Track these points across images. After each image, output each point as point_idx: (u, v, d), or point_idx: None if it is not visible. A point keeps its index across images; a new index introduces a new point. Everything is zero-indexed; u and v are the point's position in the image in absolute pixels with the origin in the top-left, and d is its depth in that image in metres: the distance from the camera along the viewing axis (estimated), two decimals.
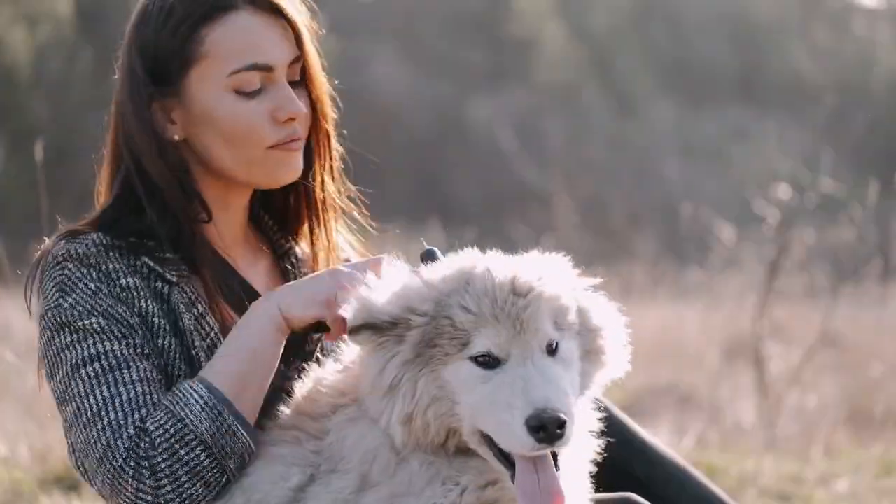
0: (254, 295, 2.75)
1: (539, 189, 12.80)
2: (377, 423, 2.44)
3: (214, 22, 2.65)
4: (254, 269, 2.85)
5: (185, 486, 2.47)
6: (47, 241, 2.69)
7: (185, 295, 2.64)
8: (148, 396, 2.51)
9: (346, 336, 2.48)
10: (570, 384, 2.38)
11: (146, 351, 2.56)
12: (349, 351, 2.59)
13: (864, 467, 6.33)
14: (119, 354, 2.53)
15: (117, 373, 2.51)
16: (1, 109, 19.86)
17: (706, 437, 7.31)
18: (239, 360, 2.54)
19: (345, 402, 2.52)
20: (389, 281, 2.48)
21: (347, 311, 2.44)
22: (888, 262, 9.77)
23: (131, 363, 2.53)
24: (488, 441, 2.37)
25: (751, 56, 29.57)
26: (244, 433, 2.50)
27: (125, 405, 2.49)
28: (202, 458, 2.47)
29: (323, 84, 2.79)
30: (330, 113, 2.82)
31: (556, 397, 2.30)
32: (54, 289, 2.58)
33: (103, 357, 2.53)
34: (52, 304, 2.57)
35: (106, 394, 2.50)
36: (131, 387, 2.51)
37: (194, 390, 2.49)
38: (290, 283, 2.64)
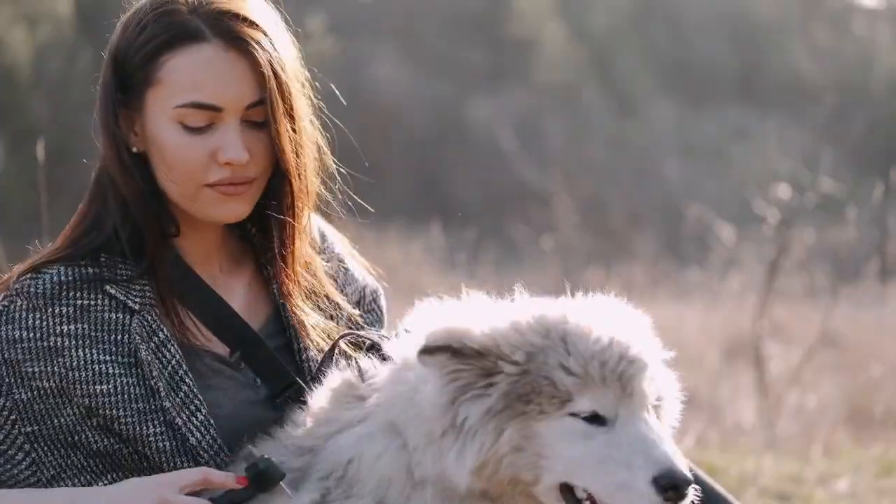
0: (226, 311, 2.72)
1: (539, 189, 12.79)
2: (400, 438, 2.41)
3: (175, 50, 2.60)
4: (234, 281, 2.81)
5: None
6: (16, 267, 2.68)
7: (145, 324, 2.62)
8: None
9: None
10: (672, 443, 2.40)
11: (12, 416, 2.57)
12: (369, 365, 2.57)
13: (864, 467, 6.33)
14: None
15: None
16: (1, 109, 19.86)
17: (706, 437, 7.31)
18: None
19: (358, 413, 2.51)
20: (473, 310, 2.43)
21: (427, 328, 2.39)
22: (888, 262, 9.76)
23: None
24: (569, 498, 2.34)
25: (751, 56, 29.56)
26: None
27: None
28: None
29: (284, 135, 2.64)
30: (291, 157, 2.67)
31: (677, 457, 2.32)
32: None
33: None
34: None
35: None
36: None
37: None
38: (106, 495, 2.58)
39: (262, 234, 2.82)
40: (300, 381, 2.71)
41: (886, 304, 11.09)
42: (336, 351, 2.74)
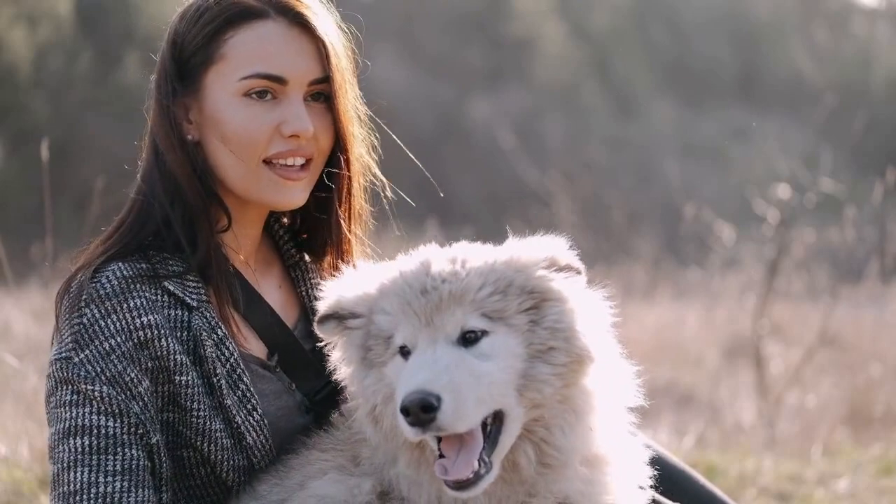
0: (266, 310, 2.74)
1: (539, 189, 12.79)
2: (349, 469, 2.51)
3: (240, 26, 2.65)
4: (266, 282, 2.83)
5: None
6: (73, 267, 2.67)
7: (205, 320, 2.63)
8: (122, 494, 2.51)
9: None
10: (473, 374, 2.32)
11: (140, 430, 2.55)
12: None
13: (864, 467, 6.32)
14: (110, 434, 2.53)
15: (102, 456, 2.52)
16: (1, 109, 19.86)
17: (706, 437, 7.31)
18: None
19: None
20: (362, 276, 2.53)
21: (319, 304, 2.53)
22: (888, 262, 9.76)
23: (119, 448, 2.53)
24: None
25: (751, 56, 29.56)
26: None
27: (97, 499, 2.50)
28: None
29: (347, 111, 2.74)
30: (354, 140, 2.78)
31: (432, 381, 2.28)
32: (70, 338, 2.57)
33: (94, 433, 2.53)
34: (63, 356, 2.57)
35: (85, 477, 2.51)
36: (111, 479, 2.51)
37: None
38: None
39: (314, 225, 2.86)
40: (332, 384, 2.72)
41: (886, 304, 11.08)
42: None
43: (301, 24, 2.68)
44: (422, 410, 2.25)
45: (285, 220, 2.93)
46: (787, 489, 5.95)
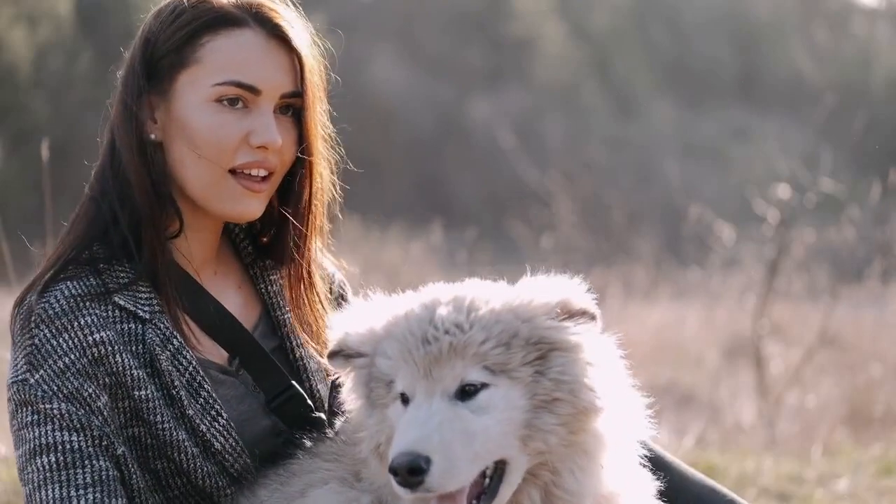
0: (226, 316, 2.71)
1: (539, 189, 12.79)
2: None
3: (218, 32, 2.63)
4: (225, 283, 2.80)
5: None
6: (24, 289, 2.63)
7: (159, 332, 2.60)
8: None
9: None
10: (465, 431, 2.29)
11: (104, 443, 2.53)
12: None
13: (864, 467, 6.32)
14: (76, 448, 2.50)
15: (71, 471, 2.50)
16: (1, 109, 19.86)
17: (706, 437, 7.31)
18: None
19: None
20: (369, 310, 2.49)
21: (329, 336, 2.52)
22: (888, 262, 9.76)
23: (86, 461, 2.51)
24: None
25: (751, 56, 29.57)
26: None
27: None
28: None
29: (315, 126, 2.70)
30: (317, 155, 2.72)
31: (423, 441, 2.25)
32: (23, 360, 2.55)
33: (59, 449, 2.50)
34: (19, 378, 2.54)
35: (56, 494, 2.49)
36: (83, 492, 2.49)
37: None
38: None
39: (276, 235, 2.81)
40: (297, 386, 2.71)
41: (887, 304, 11.08)
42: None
43: (278, 36, 2.65)
44: (409, 473, 2.22)
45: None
46: (787, 489, 5.95)
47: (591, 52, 28.72)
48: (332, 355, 2.48)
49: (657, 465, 2.71)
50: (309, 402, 2.74)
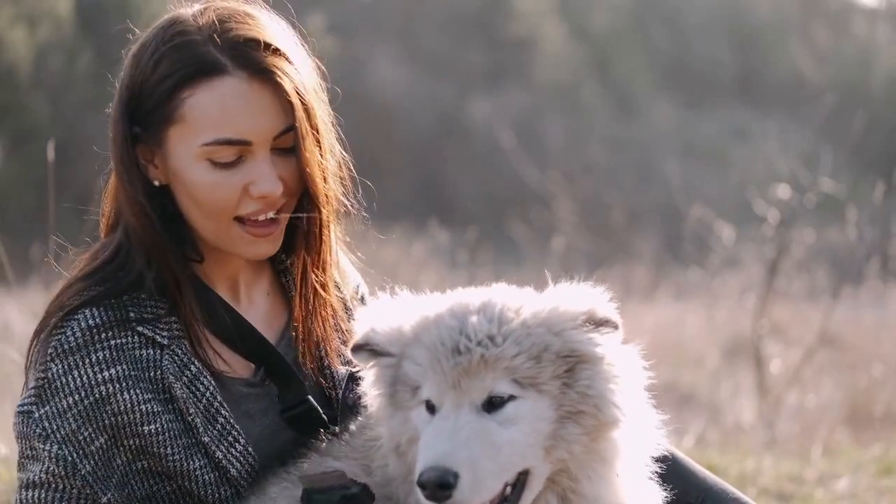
0: (248, 328, 2.70)
1: (539, 189, 12.79)
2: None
3: (197, 85, 2.52)
4: (255, 289, 2.78)
5: None
6: (45, 314, 2.64)
7: (176, 358, 2.60)
8: None
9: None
10: (492, 444, 2.30)
11: (87, 491, 2.55)
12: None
13: (864, 467, 6.32)
14: (60, 488, 2.55)
15: None
16: (1, 109, 19.86)
17: (706, 436, 7.31)
18: None
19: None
20: (398, 307, 2.50)
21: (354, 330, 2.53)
22: (888, 262, 9.76)
23: None
24: None
25: (751, 56, 29.57)
26: None
27: None
28: None
29: (312, 158, 2.59)
30: (321, 185, 2.63)
31: (450, 455, 2.27)
32: (34, 390, 2.58)
33: (46, 488, 2.55)
34: (26, 409, 2.58)
35: None
36: None
37: None
38: None
39: (289, 253, 2.78)
40: (311, 400, 2.70)
41: (887, 304, 11.09)
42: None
43: (261, 74, 2.53)
44: (438, 488, 2.25)
45: None
46: (787, 489, 5.95)
47: (591, 52, 28.71)
48: (357, 349, 2.49)
49: (675, 470, 2.73)
50: (324, 416, 2.71)
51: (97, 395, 2.55)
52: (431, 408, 2.36)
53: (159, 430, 2.57)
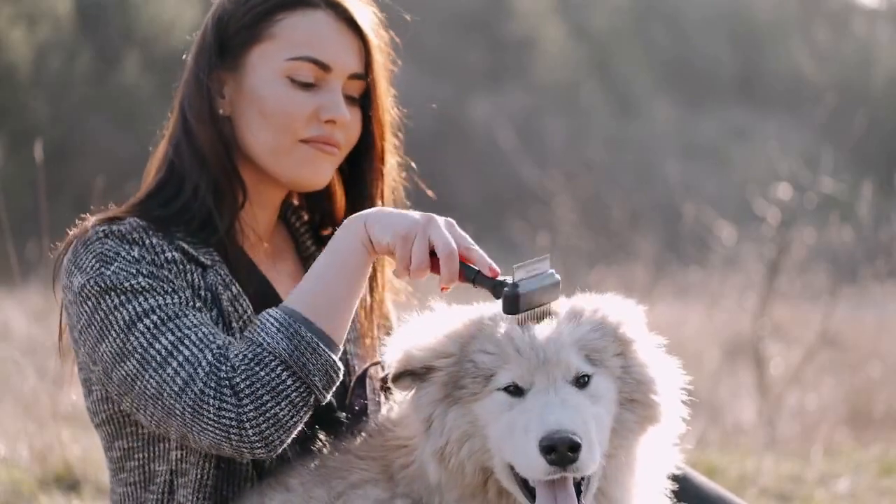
0: (273, 294, 2.75)
1: (539, 189, 12.78)
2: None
3: (291, 11, 2.74)
4: (275, 269, 2.85)
5: (268, 405, 2.45)
6: (82, 223, 2.68)
7: (220, 276, 2.65)
8: (216, 335, 2.51)
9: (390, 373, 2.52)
10: (593, 416, 2.36)
11: (196, 304, 2.57)
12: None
13: (864, 467, 6.32)
14: (173, 305, 2.53)
15: (177, 321, 2.51)
16: (1, 109, 19.86)
17: (706, 437, 7.31)
18: (319, 279, 2.52)
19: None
20: (424, 326, 2.51)
21: (388, 360, 2.51)
22: (888, 262, 9.76)
23: (188, 312, 2.53)
24: (514, 473, 2.37)
25: (751, 56, 29.57)
26: (325, 349, 2.48)
27: (197, 343, 2.49)
28: (284, 378, 2.45)
29: (385, 110, 2.87)
30: (388, 139, 2.89)
31: (572, 421, 2.30)
32: (94, 260, 2.57)
33: (158, 310, 2.52)
34: (94, 274, 2.55)
35: (171, 338, 2.49)
36: (197, 329, 2.51)
37: (270, 315, 2.49)
38: (382, 208, 2.65)
39: (312, 231, 2.92)
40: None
41: (887, 304, 11.08)
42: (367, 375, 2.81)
43: (347, 20, 2.78)
44: (569, 450, 2.26)
45: (305, 215, 2.96)
46: (787, 489, 5.95)
47: (591, 52, 28.72)
48: (398, 377, 2.49)
49: (687, 489, 2.75)
50: (332, 400, 2.72)
51: (162, 261, 2.59)
52: (516, 391, 2.37)
53: (212, 318, 2.61)
